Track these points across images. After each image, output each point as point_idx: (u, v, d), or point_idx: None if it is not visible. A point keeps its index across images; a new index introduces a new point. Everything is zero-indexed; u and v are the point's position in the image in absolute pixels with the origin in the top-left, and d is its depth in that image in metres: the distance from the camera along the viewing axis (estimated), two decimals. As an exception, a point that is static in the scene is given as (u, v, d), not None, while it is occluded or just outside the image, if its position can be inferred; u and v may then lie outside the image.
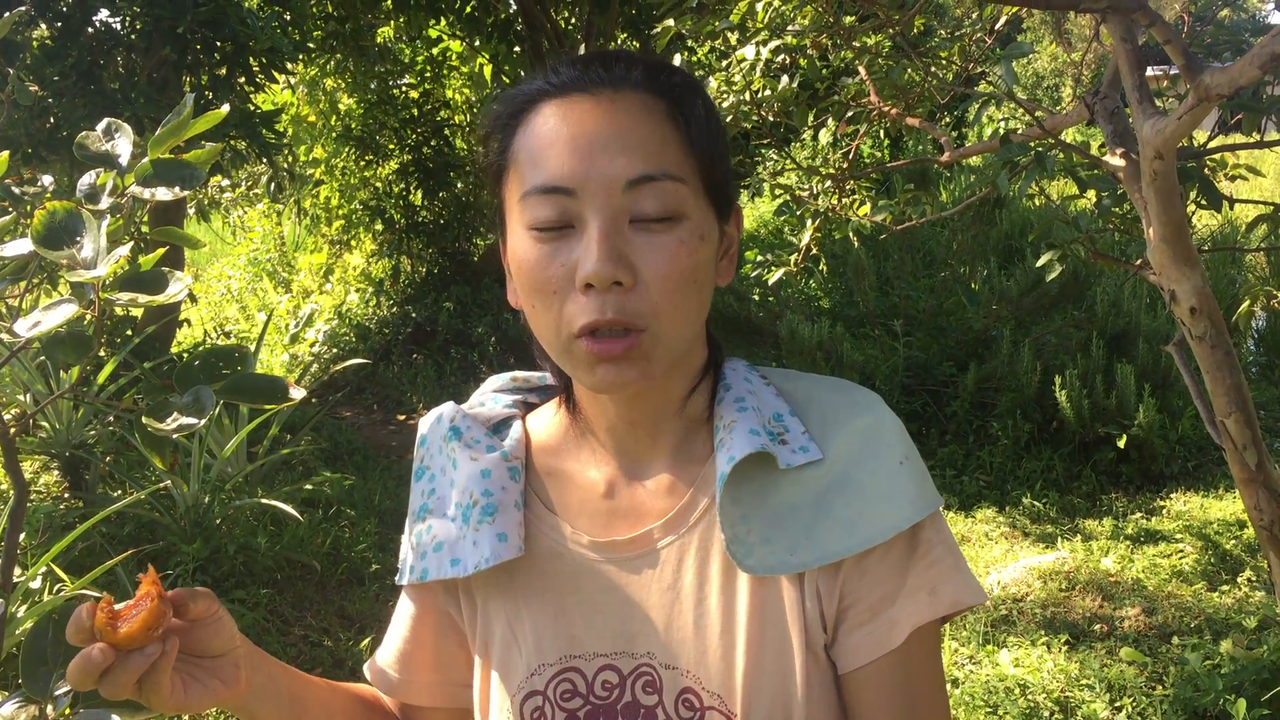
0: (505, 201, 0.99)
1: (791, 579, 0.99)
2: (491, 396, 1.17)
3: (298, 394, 1.17)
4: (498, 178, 1.00)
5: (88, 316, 1.05)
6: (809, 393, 1.05)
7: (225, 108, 1.16)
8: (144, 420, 1.09)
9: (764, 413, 1.02)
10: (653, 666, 1.02)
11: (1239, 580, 4.16)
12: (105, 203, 1.09)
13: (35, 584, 3.40)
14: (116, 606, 0.91)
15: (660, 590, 1.02)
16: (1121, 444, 5.25)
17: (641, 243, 0.92)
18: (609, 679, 1.03)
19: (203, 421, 1.12)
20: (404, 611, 1.17)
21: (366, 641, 3.99)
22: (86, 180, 1.16)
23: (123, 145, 1.13)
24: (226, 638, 0.98)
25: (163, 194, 1.12)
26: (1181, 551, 4.49)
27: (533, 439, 1.12)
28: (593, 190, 0.91)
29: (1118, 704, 3.35)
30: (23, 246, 1.17)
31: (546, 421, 1.13)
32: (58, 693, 1.12)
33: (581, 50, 8.02)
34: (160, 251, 1.22)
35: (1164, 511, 4.98)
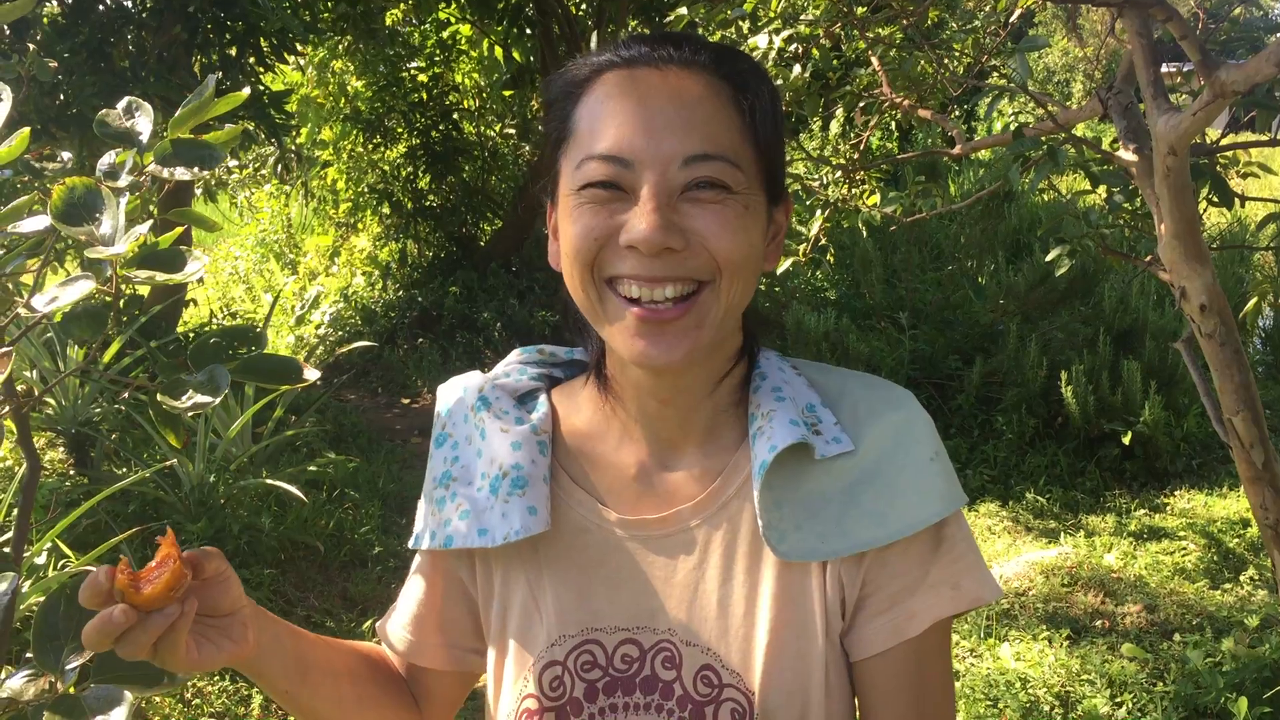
0: (561, 167, 1.00)
1: (816, 565, 1.01)
2: (517, 368, 1.18)
3: (312, 375, 1.17)
4: (557, 144, 1.01)
5: (108, 296, 1.05)
6: (841, 386, 1.07)
7: (246, 91, 1.16)
8: (159, 398, 1.09)
9: (798, 403, 1.04)
10: (673, 643, 1.03)
11: (1241, 579, 4.16)
12: (124, 180, 1.09)
13: (40, 559, 3.41)
14: (136, 570, 0.93)
15: (687, 569, 1.04)
16: (1126, 440, 5.24)
17: (691, 210, 0.94)
18: (629, 652, 1.04)
19: (217, 400, 1.12)
20: (418, 575, 1.18)
21: (369, 623, 4.00)
22: (106, 160, 1.16)
23: (143, 124, 1.13)
24: (235, 597, 0.99)
25: (181, 174, 1.12)
26: (1184, 549, 4.49)
27: (560, 414, 1.13)
28: (649, 162, 0.93)
29: (1118, 700, 3.35)
30: (40, 222, 1.17)
31: (574, 397, 1.14)
32: (69, 666, 1.12)
33: (594, 38, 8.00)
34: (178, 230, 1.22)
35: (1167, 509, 4.98)
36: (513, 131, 9.63)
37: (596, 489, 1.08)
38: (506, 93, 9.17)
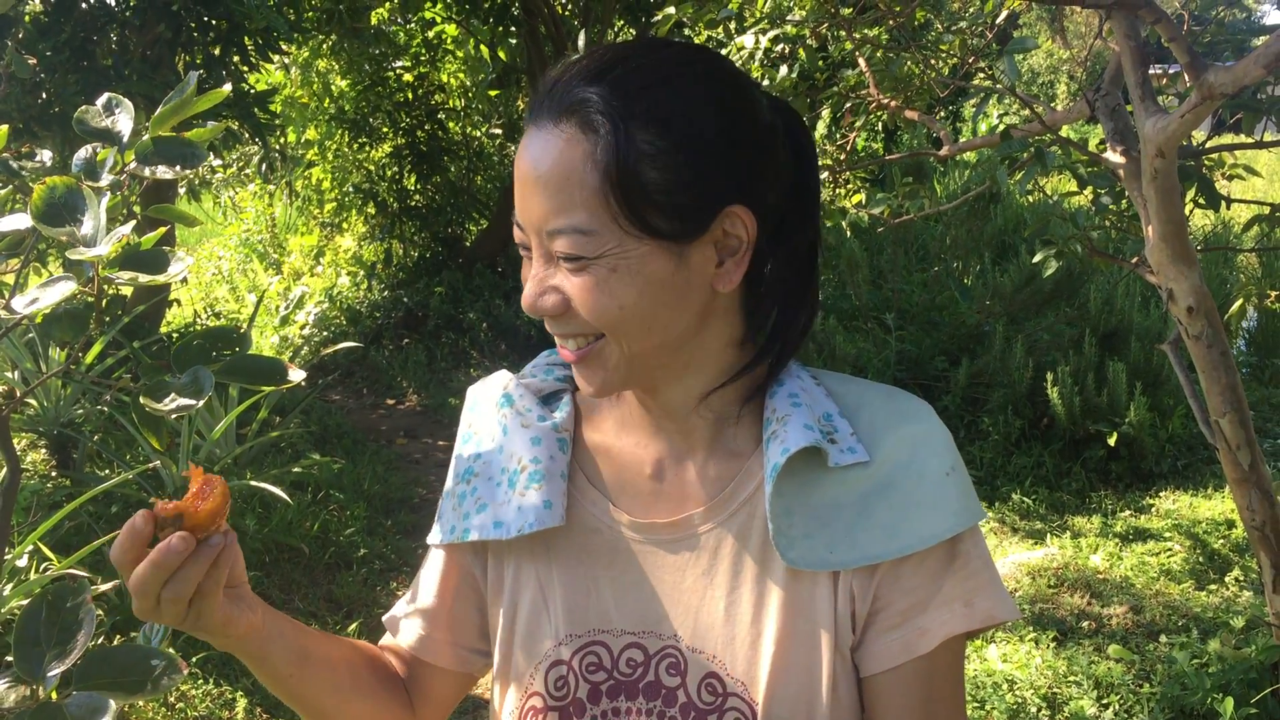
0: None
1: (826, 577, 1.00)
2: (544, 368, 1.19)
3: (297, 376, 1.15)
4: None
5: (89, 297, 1.03)
6: (860, 397, 1.05)
7: (228, 87, 1.15)
8: (141, 401, 1.08)
9: (815, 411, 1.03)
10: (678, 649, 1.03)
11: (1227, 580, 4.18)
12: (106, 180, 1.07)
13: (22, 562, 3.38)
14: (170, 504, 0.92)
15: (695, 575, 1.04)
16: (1112, 442, 5.25)
17: (564, 279, 0.95)
18: (634, 657, 1.04)
19: (200, 403, 1.10)
20: (432, 569, 1.18)
21: (354, 626, 3.98)
22: (82, 155, 1.14)
23: (124, 121, 1.11)
24: (240, 570, 1.00)
25: (163, 172, 1.10)
26: (1170, 550, 4.50)
27: (583, 414, 1.14)
28: (530, 231, 0.96)
29: (1105, 701, 3.36)
30: (19, 222, 1.15)
31: (598, 399, 1.14)
32: (50, 673, 1.10)
33: (580, 37, 7.97)
34: (161, 231, 1.20)
35: (1153, 510, 5.00)
36: (499, 132, 9.61)
37: (610, 490, 1.09)
38: (492, 92, 9.15)
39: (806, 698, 0.99)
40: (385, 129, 8.92)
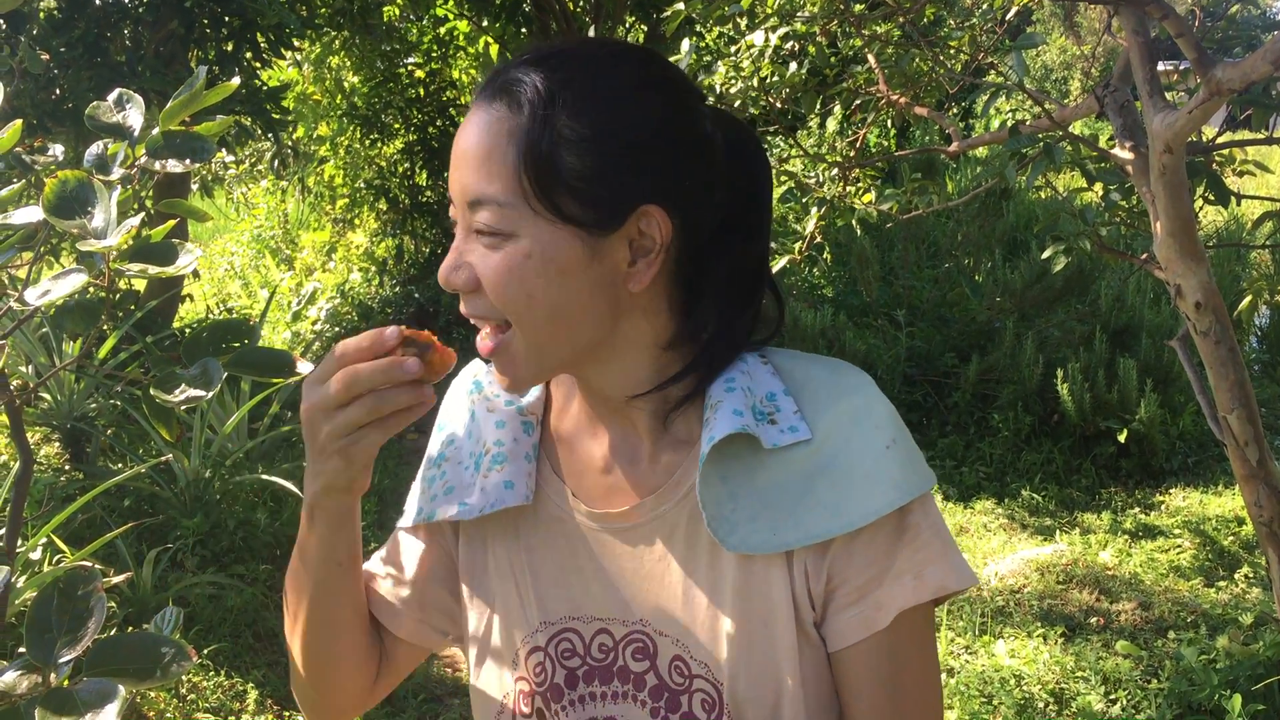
0: None
1: (779, 557, 1.00)
2: None
3: (305, 368, 1.17)
4: None
5: (100, 290, 1.05)
6: (806, 372, 1.05)
7: (236, 80, 1.16)
8: (151, 392, 1.09)
9: (756, 392, 1.02)
10: (645, 634, 1.05)
11: (1236, 577, 4.17)
12: (117, 173, 1.08)
13: (35, 555, 3.41)
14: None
15: (652, 561, 1.05)
16: (1122, 438, 5.25)
17: (479, 254, 0.96)
18: (605, 642, 1.06)
19: (210, 394, 1.12)
20: (408, 550, 1.18)
21: (364, 619, 4.00)
22: (94, 150, 1.16)
23: (134, 116, 1.12)
24: None
25: (173, 166, 1.11)
26: (1179, 547, 4.50)
27: (555, 404, 1.15)
28: (456, 203, 0.98)
29: (1112, 696, 3.36)
30: (31, 215, 1.16)
31: (568, 387, 1.15)
32: (61, 660, 1.11)
33: (591, 33, 7.97)
34: (170, 224, 1.22)
35: (1163, 507, 4.99)
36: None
37: (571, 479, 1.11)
38: (504, 89, 9.15)
39: (772, 675, 1.00)
40: (397, 125, 8.94)
